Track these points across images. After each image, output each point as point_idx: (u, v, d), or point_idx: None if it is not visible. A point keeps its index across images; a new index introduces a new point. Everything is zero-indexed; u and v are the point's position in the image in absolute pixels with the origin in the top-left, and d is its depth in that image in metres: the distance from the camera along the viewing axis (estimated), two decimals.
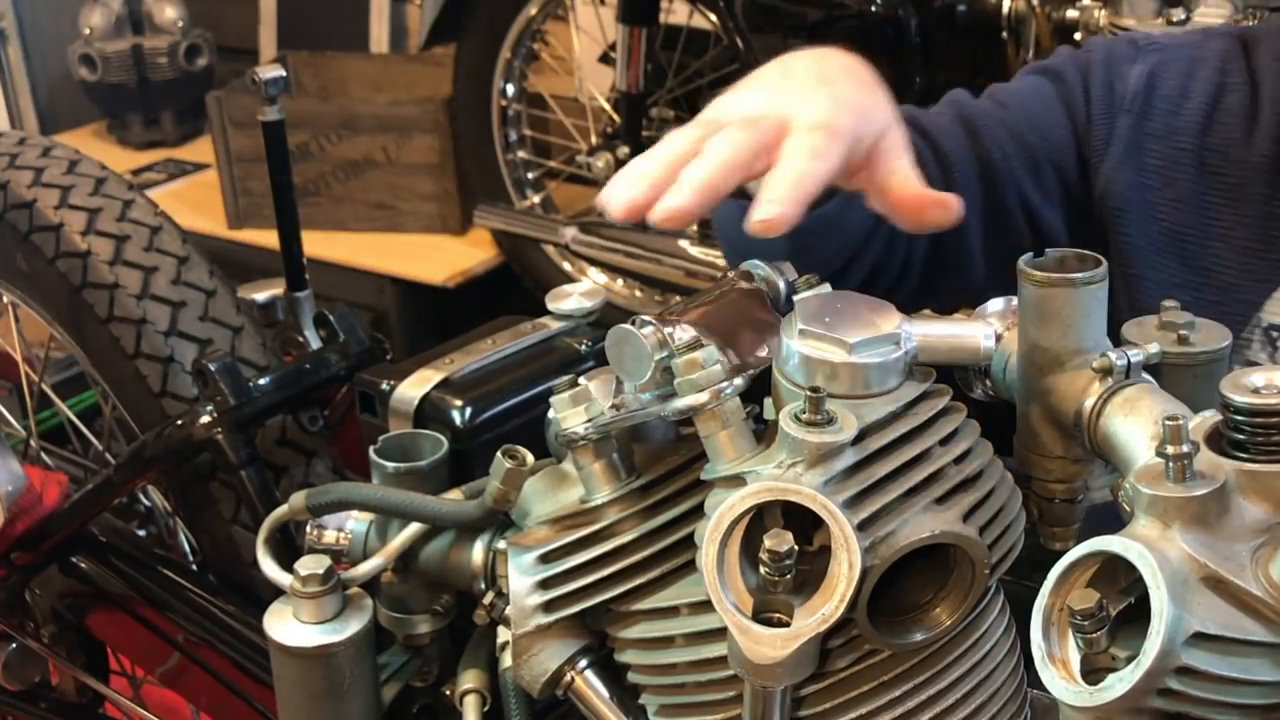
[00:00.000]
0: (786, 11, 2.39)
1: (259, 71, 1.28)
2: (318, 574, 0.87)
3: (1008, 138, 1.09)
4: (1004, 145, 1.09)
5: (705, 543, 0.68)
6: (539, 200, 2.98)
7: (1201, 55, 1.10)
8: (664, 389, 0.74)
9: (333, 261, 2.91)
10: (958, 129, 1.10)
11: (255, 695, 1.23)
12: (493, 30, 2.86)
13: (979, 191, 1.09)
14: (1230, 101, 1.08)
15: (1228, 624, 0.59)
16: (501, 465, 0.82)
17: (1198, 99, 1.08)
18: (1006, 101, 1.12)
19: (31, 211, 1.44)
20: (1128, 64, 1.10)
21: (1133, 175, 1.08)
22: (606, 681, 0.82)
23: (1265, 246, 1.06)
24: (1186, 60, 1.10)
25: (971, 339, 0.80)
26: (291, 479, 1.35)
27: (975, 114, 1.11)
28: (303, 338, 1.37)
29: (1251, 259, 1.07)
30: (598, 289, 1.07)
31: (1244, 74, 1.08)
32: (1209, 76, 1.09)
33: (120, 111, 3.64)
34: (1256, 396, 0.62)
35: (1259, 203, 1.06)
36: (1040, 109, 1.11)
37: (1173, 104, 1.09)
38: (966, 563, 0.71)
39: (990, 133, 1.09)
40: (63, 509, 1.32)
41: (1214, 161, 1.07)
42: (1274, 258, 1.06)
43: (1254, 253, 1.07)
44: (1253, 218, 1.06)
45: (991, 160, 1.09)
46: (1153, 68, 1.10)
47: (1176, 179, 1.08)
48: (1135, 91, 1.09)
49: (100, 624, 1.41)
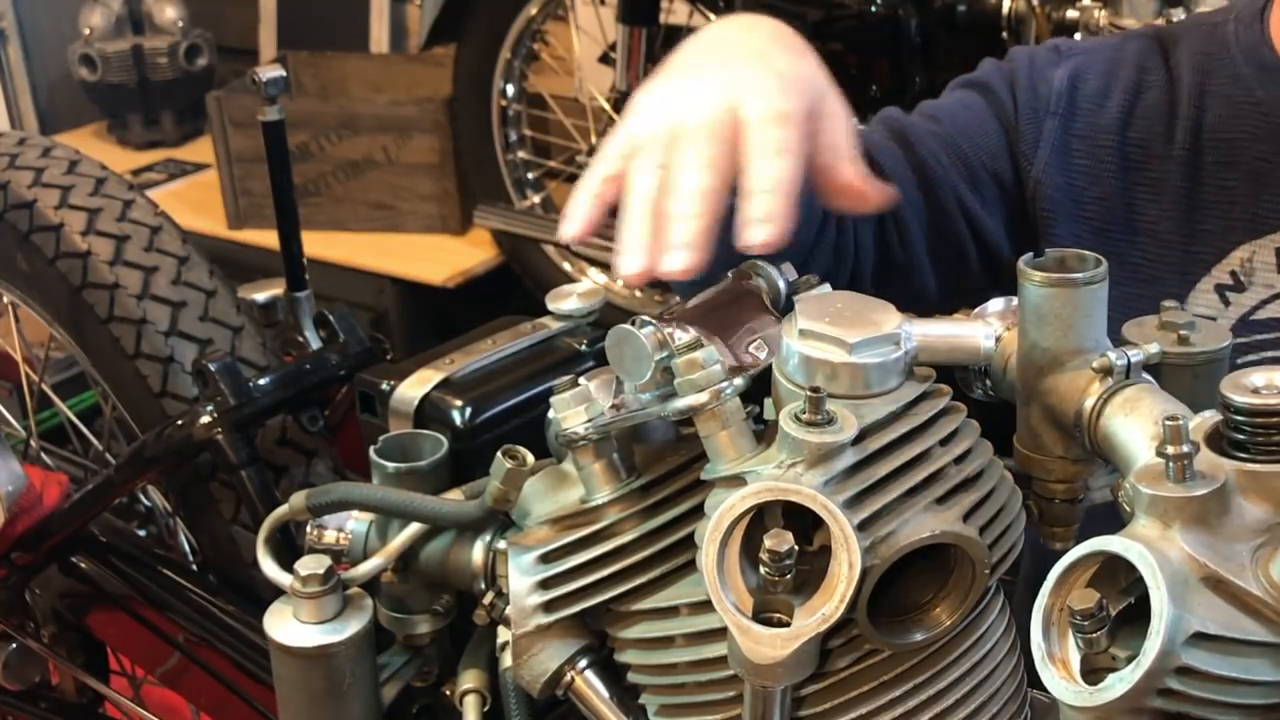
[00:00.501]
0: (786, 11, 2.39)
1: (259, 71, 1.28)
2: (318, 574, 0.87)
3: (941, 149, 1.11)
4: (939, 156, 1.10)
5: (705, 543, 0.68)
6: (539, 200, 2.98)
7: (1121, 56, 1.13)
8: (664, 389, 0.74)
9: (333, 261, 2.91)
10: (892, 143, 1.11)
11: (255, 695, 1.23)
12: (493, 30, 2.86)
13: (920, 202, 1.10)
14: (1149, 98, 1.10)
15: (1228, 624, 0.59)
16: (501, 465, 0.82)
17: (1118, 97, 1.11)
18: (937, 115, 1.14)
19: (32, 211, 1.44)
20: (1050, 68, 1.13)
21: (1060, 176, 1.10)
22: (606, 681, 0.82)
23: (1187, 239, 1.09)
24: (1106, 61, 1.13)
25: (971, 339, 0.80)
26: (292, 479, 1.35)
27: (908, 127, 1.12)
28: (303, 338, 1.37)
29: (1174, 252, 1.09)
30: (598, 289, 1.07)
31: (1163, 71, 1.11)
32: (1128, 75, 1.12)
33: (120, 111, 3.64)
34: (1256, 396, 0.62)
35: (1179, 196, 1.08)
36: (970, 119, 1.13)
37: (1095, 103, 1.11)
38: (966, 563, 0.71)
39: (925, 145, 1.11)
40: (63, 509, 1.32)
41: (1136, 157, 1.10)
42: (1194, 250, 1.08)
43: (1176, 246, 1.09)
44: (1174, 211, 1.09)
45: (928, 170, 1.10)
46: (1074, 69, 1.12)
47: (1101, 176, 1.10)
48: (1059, 93, 1.11)
49: (100, 624, 1.41)
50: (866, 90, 2.30)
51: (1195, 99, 1.09)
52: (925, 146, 1.11)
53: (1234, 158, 1.07)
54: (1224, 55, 1.10)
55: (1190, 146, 1.09)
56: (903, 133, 1.12)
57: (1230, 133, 1.08)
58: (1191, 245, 1.09)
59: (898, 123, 1.13)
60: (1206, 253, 1.09)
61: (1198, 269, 1.09)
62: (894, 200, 0.86)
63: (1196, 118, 1.09)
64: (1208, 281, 1.09)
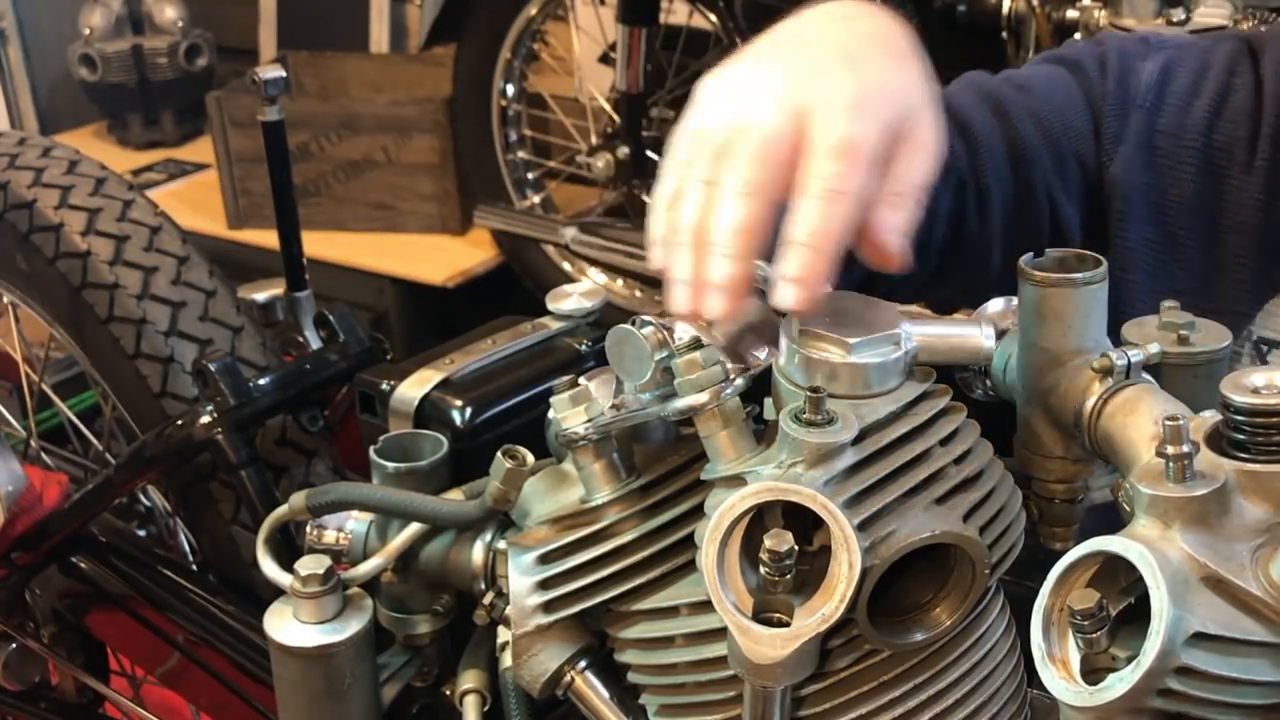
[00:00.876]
0: (786, 12, 2.38)
1: (259, 71, 1.28)
2: (318, 574, 0.87)
3: (1033, 124, 1.04)
4: (1031, 131, 1.04)
5: (705, 543, 0.68)
6: (539, 200, 2.98)
7: (1211, 57, 1.08)
8: (664, 389, 0.74)
9: (333, 261, 2.91)
10: (986, 111, 1.04)
11: (255, 695, 1.23)
12: (493, 30, 2.85)
13: (1009, 175, 1.04)
14: (1236, 102, 1.05)
15: (1228, 624, 0.59)
16: (501, 465, 0.82)
17: (1206, 97, 1.05)
18: (1027, 86, 1.07)
19: (32, 211, 1.44)
20: (1140, 59, 1.07)
21: (1139, 175, 1.05)
22: (606, 681, 0.82)
23: (1260, 257, 1.04)
24: (1197, 59, 1.07)
25: (971, 339, 0.80)
26: (291, 479, 1.35)
27: (1003, 96, 1.05)
28: (303, 338, 1.37)
29: (1247, 270, 1.04)
30: (598, 289, 1.07)
31: (1250, 76, 1.06)
32: (1217, 76, 1.06)
33: (120, 111, 3.63)
34: (1256, 396, 0.62)
35: (1257, 209, 1.04)
36: (1061, 96, 1.06)
37: (1184, 100, 1.06)
38: (966, 563, 0.71)
39: (1018, 117, 1.04)
40: (63, 509, 1.32)
41: (1219, 162, 1.05)
42: (1267, 269, 1.04)
43: (1250, 263, 1.04)
44: (1249, 226, 1.04)
45: (1022, 144, 1.03)
46: (1166, 62, 1.07)
47: (1181, 179, 1.05)
48: (1148, 85, 1.06)
49: (100, 624, 1.41)
50: None
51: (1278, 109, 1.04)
52: (1019, 119, 1.04)
53: None
54: None
55: (1271, 158, 1.03)
56: (999, 101, 1.05)
57: None
58: (1265, 264, 1.04)
59: (990, 89, 1.06)
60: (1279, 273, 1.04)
61: (1268, 289, 1.04)
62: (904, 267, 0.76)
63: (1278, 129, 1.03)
64: (1277, 304, 1.04)
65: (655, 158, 2.65)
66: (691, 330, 0.75)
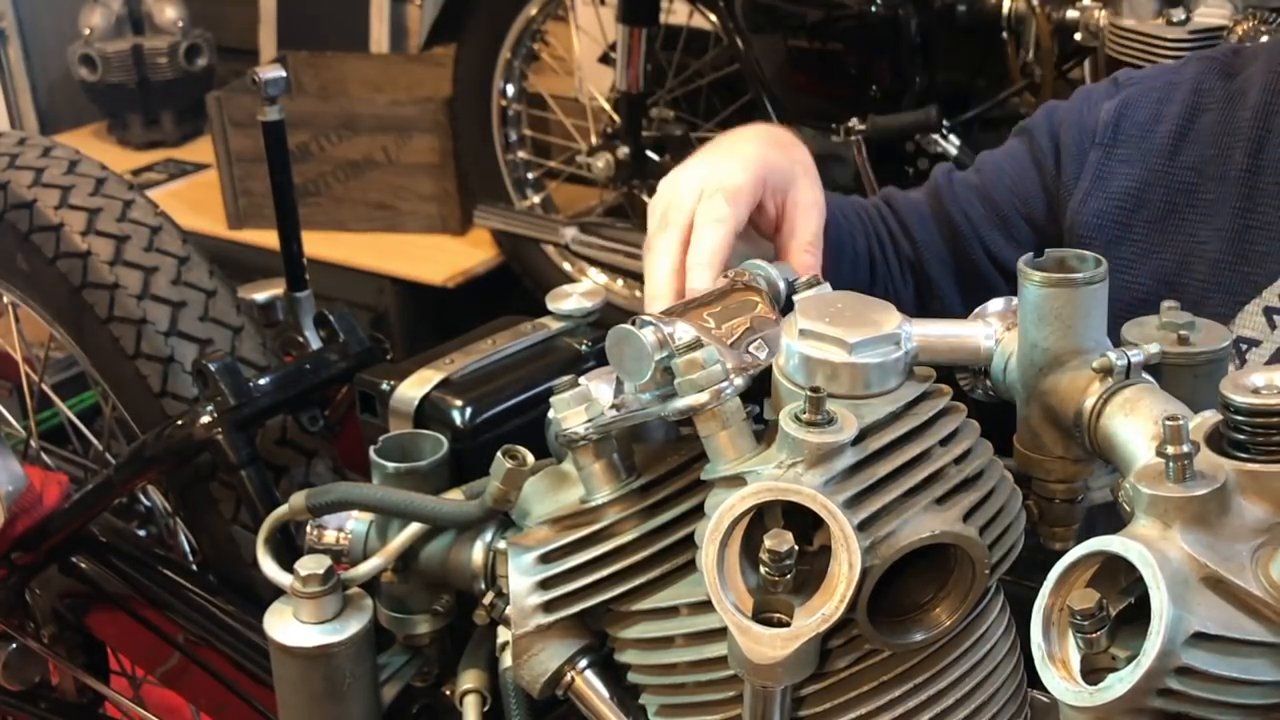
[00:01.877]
0: (786, 11, 2.39)
1: (259, 72, 1.28)
2: (318, 574, 0.87)
3: (976, 199, 1.19)
4: (969, 208, 1.18)
5: (705, 543, 0.68)
6: (539, 200, 2.98)
7: (1178, 79, 1.14)
8: (664, 389, 0.74)
9: (333, 261, 2.91)
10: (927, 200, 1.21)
11: (255, 695, 1.23)
12: (493, 30, 2.85)
13: (946, 255, 1.19)
14: (1205, 121, 1.11)
15: (1228, 624, 0.59)
16: (501, 465, 0.82)
17: (1170, 122, 1.12)
18: (982, 167, 1.22)
19: (32, 211, 1.44)
20: (1104, 100, 1.16)
21: (1100, 203, 1.13)
22: (606, 681, 0.82)
23: (1238, 260, 1.08)
24: (1162, 87, 1.15)
25: (971, 339, 0.80)
26: (292, 479, 1.35)
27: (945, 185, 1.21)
28: (303, 338, 1.37)
29: (1224, 273, 1.08)
30: (598, 289, 1.08)
31: (1223, 92, 1.11)
32: (1183, 98, 1.13)
33: (120, 111, 3.64)
34: (1256, 396, 0.62)
35: (1233, 216, 1.08)
36: (1010, 168, 1.19)
37: (1143, 129, 1.13)
38: (966, 563, 0.71)
39: (957, 201, 1.19)
40: (63, 509, 1.32)
41: (1188, 179, 1.10)
42: (1246, 271, 1.07)
43: (1227, 266, 1.08)
44: (1227, 231, 1.08)
45: (954, 226, 1.18)
46: (1125, 100, 1.15)
47: (1148, 200, 1.11)
48: (1105, 124, 1.14)
49: (100, 624, 1.41)
50: (866, 90, 2.30)
51: (1262, 119, 1.08)
52: (956, 204, 1.19)
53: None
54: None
55: (1249, 167, 1.08)
56: (937, 191, 1.21)
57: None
58: (1242, 266, 1.08)
59: (937, 182, 1.22)
60: (1258, 274, 1.07)
61: (1247, 290, 1.08)
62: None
63: (1260, 139, 1.08)
64: (1256, 304, 1.07)
65: (655, 158, 2.65)
66: (691, 330, 0.75)
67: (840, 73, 2.36)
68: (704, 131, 2.70)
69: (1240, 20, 1.95)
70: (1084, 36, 2.13)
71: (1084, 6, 2.12)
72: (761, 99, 2.38)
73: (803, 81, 2.41)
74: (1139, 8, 2.04)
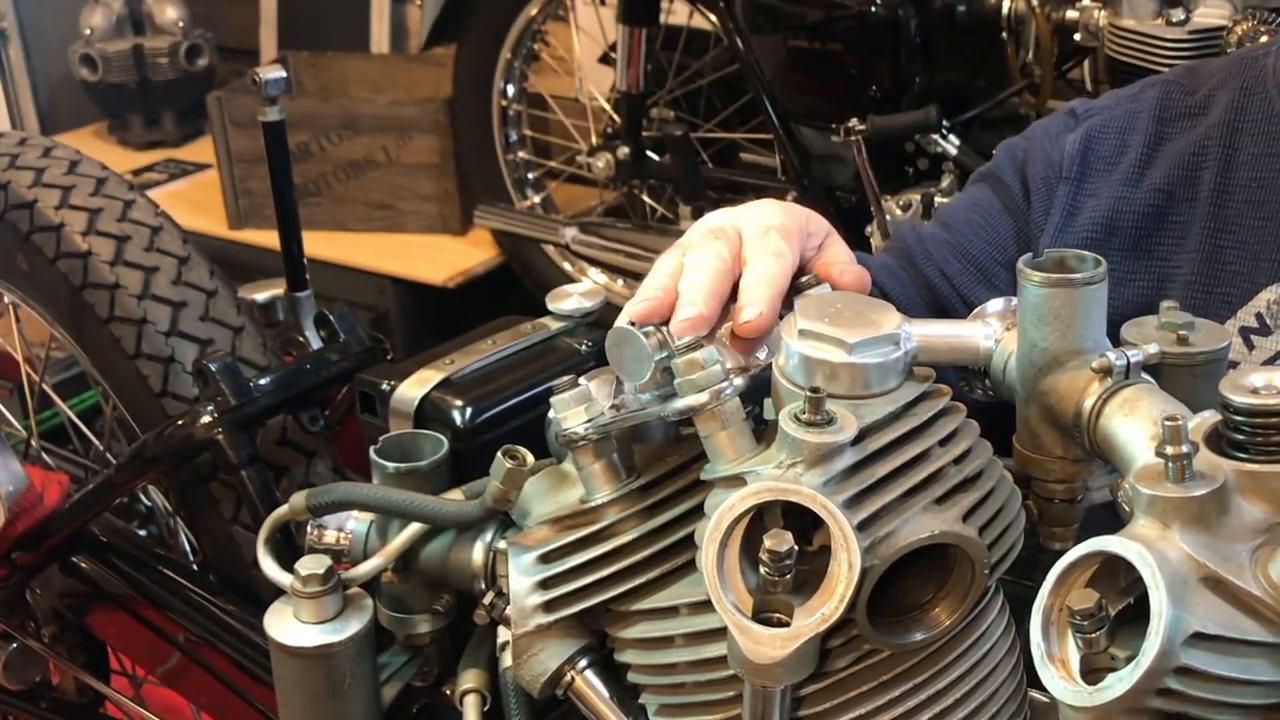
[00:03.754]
0: (786, 11, 2.39)
1: (259, 72, 1.29)
2: (318, 574, 0.87)
3: (952, 256, 1.15)
4: (945, 266, 1.15)
5: (705, 543, 0.68)
6: (539, 200, 2.98)
7: (1138, 107, 1.12)
8: (664, 389, 0.75)
9: (333, 261, 2.91)
10: (899, 267, 1.17)
11: (256, 695, 1.23)
12: (493, 30, 2.86)
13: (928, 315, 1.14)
14: (1171, 147, 1.09)
15: (1227, 624, 0.59)
16: (501, 465, 0.82)
17: (1134, 150, 1.10)
18: (949, 221, 1.18)
19: (32, 212, 1.44)
20: (1064, 134, 1.14)
21: (1072, 238, 1.10)
22: (606, 681, 0.82)
23: (1210, 281, 1.06)
24: (1122, 116, 1.12)
25: (971, 339, 0.80)
26: (292, 479, 1.35)
27: (913, 247, 1.17)
28: (303, 338, 1.37)
29: (1198, 294, 1.07)
30: (598, 289, 1.07)
31: (1186, 114, 1.10)
32: (1145, 126, 1.11)
33: (121, 112, 3.64)
34: (1256, 397, 0.62)
35: (1205, 237, 1.06)
36: (979, 217, 1.16)
37: (1109, 161, 1.11)
38: (966, 563, 0.71)
39: (931, 260, 1.15)
40: (63, 509, 1.32)
41: (1157, 203, 1.08)
42: (1219, 291, 1.06)
43: (1200, 288, 1.07)
44: (1198, 254, 1.07)
45: (932, 287, 1.15)
46: (1087, 132, 1.13)
47: (1119, 228, 1.09)
48: (1070, 158, 1.12)
49: (101, 624, 1.41)
50: (866, 90, 2.30)
51: (1227, 137, 1.07)
52: (931, 262, 1.15)
53: (1265, 196, 1.05)
54: (1260, 89, 1.07)
55: (1218, 186, 1.06)
56: (908, 253, 1.17)
57: (1263, 170, 1.05)
58: (1216, 287, 1.06)
59: (905, 243, 1.18)
60: (1233, 294, 1.06)
61: (1222, 311, 1.06)
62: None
63: (1227, 157, 1.06)
64: (1231, 324, 1.06)
65: (655, 158, 2.65)
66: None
67: (840, 73, 2.36)
68: (704, 132, 2.70)
69: (1240, 20, 1.95)
70: (1084, 37, 2.13)
71: (1084, 6, 2.12)
72: (761, 99, 2.38)
73: (803, 81, 2.41)
74: (1139, 8, 2.04)
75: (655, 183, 2.80)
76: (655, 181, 2.79)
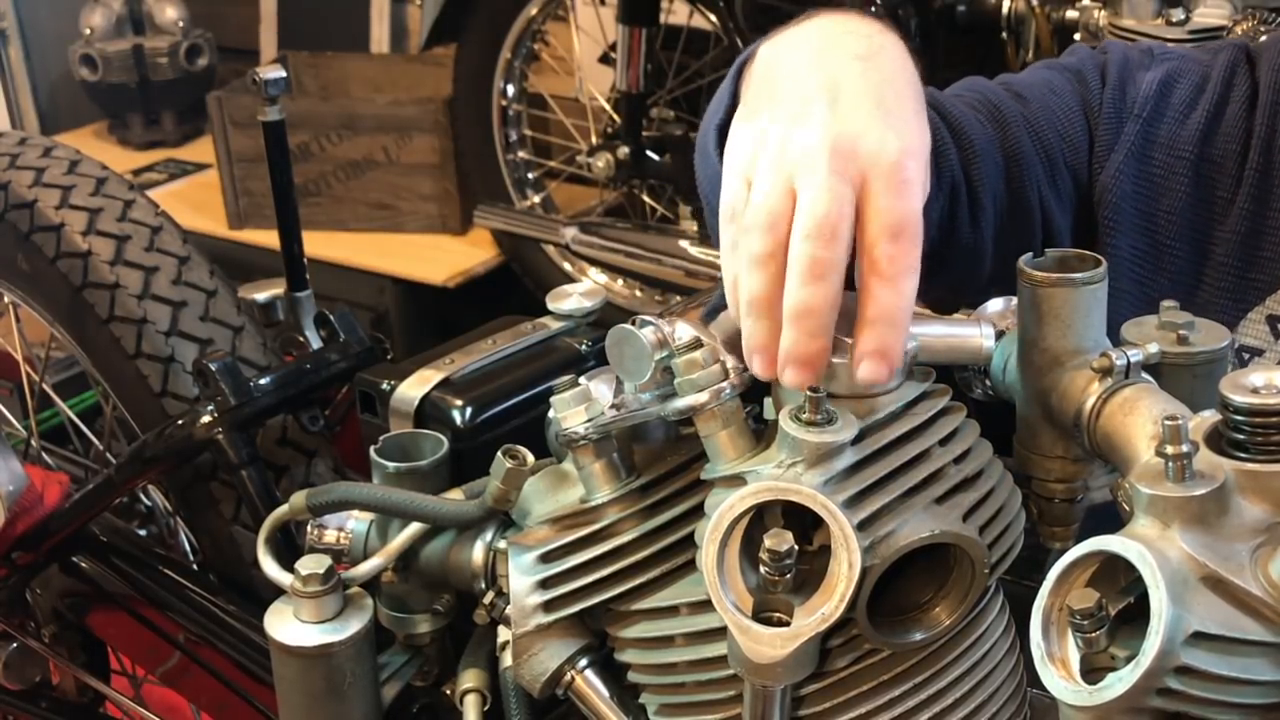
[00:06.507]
0: (786, 11, 2.38)
1: (259, 72, 1.29)
2: (318, 574, 0.87)
3: (1028, 133, 1.03)
4: (1026, 141, 1.03)
5: (705, 542, 0.68)
6: (539, 200, 2.98)
7: (1210, 68, 1.08)
8: (664, 389, 0.75)
9: (333, 261, 2.91)
10: (983, 117, 1.03)
11: (256, 695, 1.23)
12: (493, 30, 2.85)
13: (1002, 185, 1.02)
14: (1231, 113, 1.05)
15: (1227, 624, 0.59)
16: (502, 465, 0.82)
17: (1203, 110, 1.05)
18: (1025, 94, 1.06)
19: (32, 211, 1.44)
20: (1142, 70, 1.07)
21: (1131, 184, 1.05)
22: (606, 681, 0.82)
23: (1245, 265, 1.04)
24: (1198, 70, 1.08)
25: (971, 339, 0.80)
26: (292, 479, 1.35)
27: (1001, 105, 1.04)
28: (303, 338, 1.37)
29: (1230, 278, 1.04)
30: (598, 289, 1.07)
31: (1247, 86, 1.06)
32: (1214, 88, 1.06)
33: (121, 111, 3.63)
34: (1256, 396, 0.62)
35: (1244, 218, 1.04)
36: (1058, 106, 1.05)
37: (1182, 111, 1.06)
38: (966, 562, 0.71)
39: (1015, 127, 1.03)
40: (63, 509, 1.32)
41: (1209, 174, 1.05)
42: (1251, 277, 1.04)
43: (1234, 271, 1.04)
44: (1236, 235, 1.04)
45: (1017, 153, 1.02)
46: (1167, 74, 1.07)
47: (1172, 189, 1.05)
48: (1146, 97, 1.05)
49: (101, 624, 1.41)
50: None
51: (1270, 117, 1.03)
52: (1015, 129, 1.02)
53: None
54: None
55: (1261, 168, 1.03)
56: (995, 108, 1.04)
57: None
58: (1249, 271, 1.04)
59: (989, 96, 1.05)
60: (1263, 280, 1.04)
61: (1252, 297, 1.04)
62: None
63: (1269, 137, 1.03)
64: (1260, 311, 1.04)
65: (655, 158, 2.65)
66: (691, 330, 0.75)
67: None
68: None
69: (1240, 20, 1.95)
70: (1083, 36, 2.13)
71: (1084, 6, 2.12)
72: None
73: None
74: (1138, 8, 2.04)
75: (655, 183, 2.80)
76: (655, 181, 2.79)
